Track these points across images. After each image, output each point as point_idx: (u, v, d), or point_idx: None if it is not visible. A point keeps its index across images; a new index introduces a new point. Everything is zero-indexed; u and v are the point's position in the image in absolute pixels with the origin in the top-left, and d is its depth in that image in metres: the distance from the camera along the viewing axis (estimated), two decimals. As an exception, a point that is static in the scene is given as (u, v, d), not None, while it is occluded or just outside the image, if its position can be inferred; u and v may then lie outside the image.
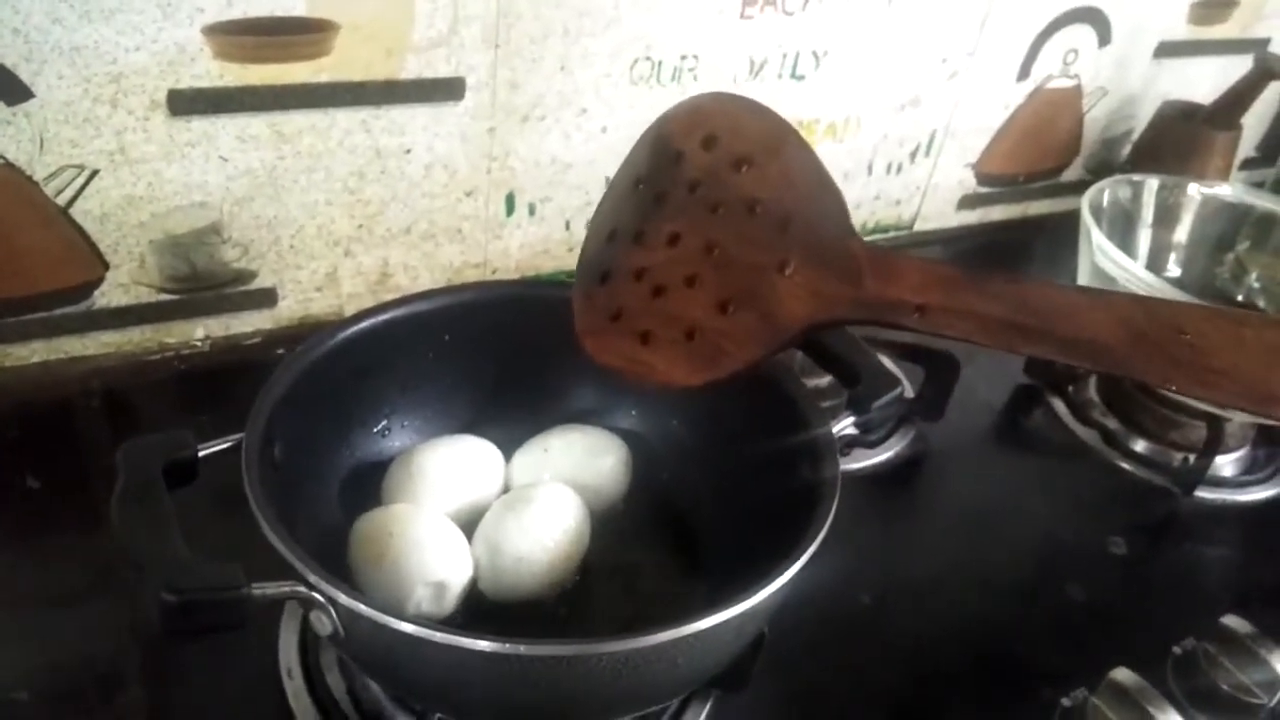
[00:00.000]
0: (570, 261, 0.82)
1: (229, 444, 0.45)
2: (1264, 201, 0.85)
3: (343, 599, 0.39)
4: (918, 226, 1.00)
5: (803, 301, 0.45)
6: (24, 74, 0.58)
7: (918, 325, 0.44)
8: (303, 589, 0.39)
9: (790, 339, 0.46)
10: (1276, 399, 0.40)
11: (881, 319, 0.45)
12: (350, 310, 0.73)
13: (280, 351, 0.69)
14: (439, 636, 0.38)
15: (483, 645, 0.38)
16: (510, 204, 0.77)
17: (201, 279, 0.70)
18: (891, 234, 0.99)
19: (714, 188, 0.47)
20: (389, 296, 0.67)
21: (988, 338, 0.43)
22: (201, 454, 0.45)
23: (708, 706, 0.52)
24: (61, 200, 0.63)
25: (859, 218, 0.95)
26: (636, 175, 0.49)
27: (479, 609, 0.52)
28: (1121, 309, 0.43)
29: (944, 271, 0.45)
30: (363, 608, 0.39)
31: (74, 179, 0.63)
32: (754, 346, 0.46)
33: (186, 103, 0.63)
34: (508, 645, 0.38)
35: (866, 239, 1.00)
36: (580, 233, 0.81)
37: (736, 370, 0.46)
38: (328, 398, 0.53)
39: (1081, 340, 0.41)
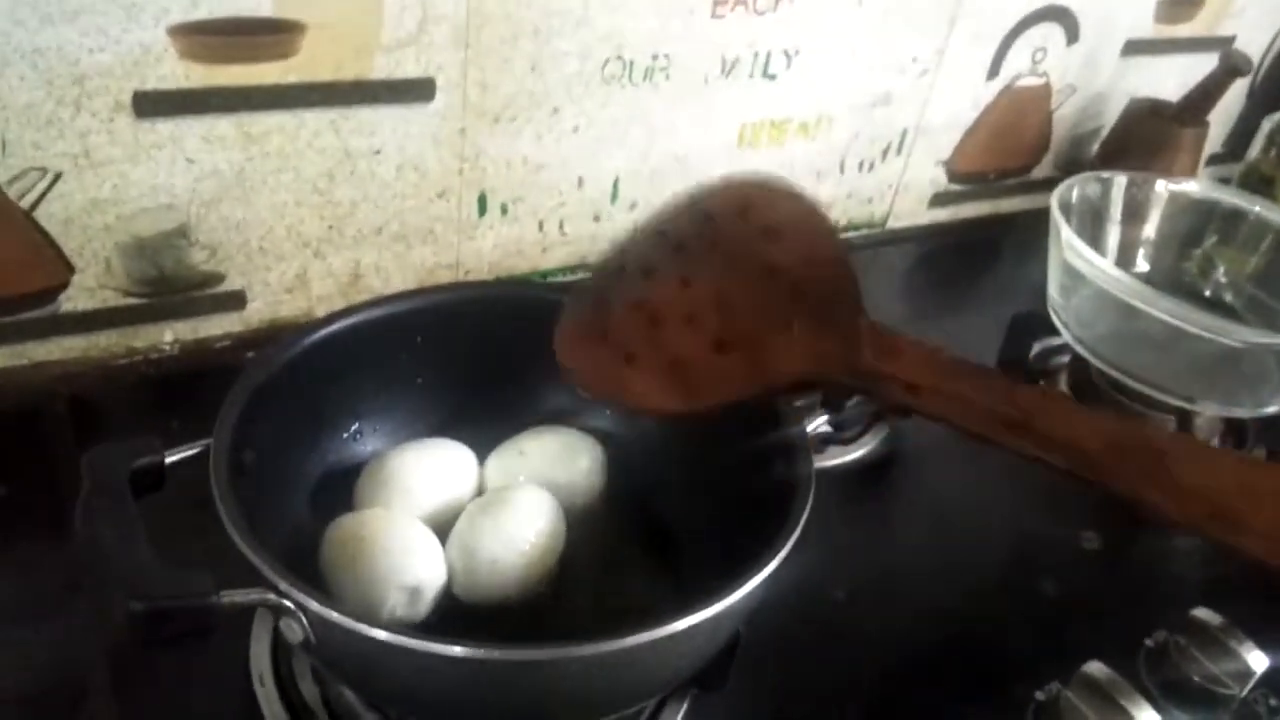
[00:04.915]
0: (543, 262, 0.82)
1: (197, 449, 0.45)
2: (1230, 197, 0.86)
3: (313, 606, 0.39)
4: (890, 224, 1.00)
5: (798, 357, 0.47)
6: (-15, 76, 0.57)
7: (907, 402, 0.46)
8: (272, 596, 0.39)
9: (777, 387, 0.48)
10: (1244, 527, 0.42)
11: (872, 389, 0.47)
12: (321, 312, 0.72)
13: (250, 355, 0.68)
14: (411, 642, 0.38)
15: (455, 650, 0.38)
16: (483, 205, 0.77)
17: (169, 282, 0.69)
18: (864, 231, 0.99)
19: (738, 248, 0.49)
20: (360, 298, 0.66)
21: (972, 424, 0.45)
22: (169, 460, 0.44)
23: (685, 705, 0.52)
24: (25, 203, 0.62)
25: (831, 216, 0.96)
26: (661, 227, 0.51)
27: (454, 612, 0.52)
28: (1102, 420, 0.46)
29: (941, 357, 0.47)
30: (334, 614, 0.38)
31: (37, 182, 0.62)
32: (738, 386, 0.47)
33: (152, 104, 0.62)
34: (479, 650, 0.38)
35: (839, 236, 1.00)
36: (553, 233, 0.81)
37: (713, 405, 0.47)
38: (298, 402, 0.52)
39: (1060, 440, 0.43)
